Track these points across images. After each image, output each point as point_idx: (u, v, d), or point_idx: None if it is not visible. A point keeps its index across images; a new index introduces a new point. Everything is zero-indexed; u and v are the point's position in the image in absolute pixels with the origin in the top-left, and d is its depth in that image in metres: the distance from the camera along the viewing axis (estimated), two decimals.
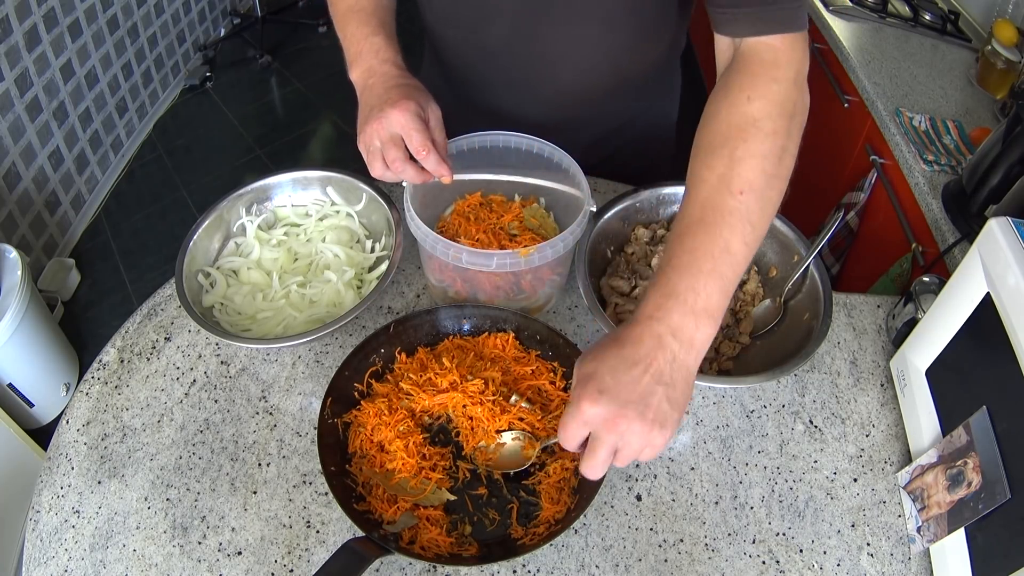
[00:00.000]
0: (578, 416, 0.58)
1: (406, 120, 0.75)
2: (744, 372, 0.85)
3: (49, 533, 0.73)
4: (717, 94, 0.69)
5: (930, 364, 0.81)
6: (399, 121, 0.75)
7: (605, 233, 0.92)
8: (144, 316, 0.92)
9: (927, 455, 0.76)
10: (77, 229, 2.51)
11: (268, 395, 0.85)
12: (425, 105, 0.78)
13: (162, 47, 2.99)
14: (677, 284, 0.60)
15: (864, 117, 1.57)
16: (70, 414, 0.83)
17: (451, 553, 0.69)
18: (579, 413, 0.58)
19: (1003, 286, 0.68)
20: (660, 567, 0.73)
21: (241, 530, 0.74)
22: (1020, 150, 1.09)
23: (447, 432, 0.78)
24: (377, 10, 0.87)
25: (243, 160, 2.89)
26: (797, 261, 0.90)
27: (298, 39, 3.57)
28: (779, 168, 0.65)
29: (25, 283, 1.75)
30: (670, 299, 0.60)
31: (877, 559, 0.75)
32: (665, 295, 0.60)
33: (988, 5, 1.78)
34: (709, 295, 0.60)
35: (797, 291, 0.89)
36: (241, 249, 0.95)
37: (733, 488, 0.79)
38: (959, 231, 1.18)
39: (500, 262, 0.78)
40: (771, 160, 0.64)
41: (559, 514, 0.71)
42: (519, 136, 0.90)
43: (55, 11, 2.28)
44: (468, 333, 0.86)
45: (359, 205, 0.98)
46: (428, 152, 0.76)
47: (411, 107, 0.75)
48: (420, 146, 0.75)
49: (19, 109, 2.15)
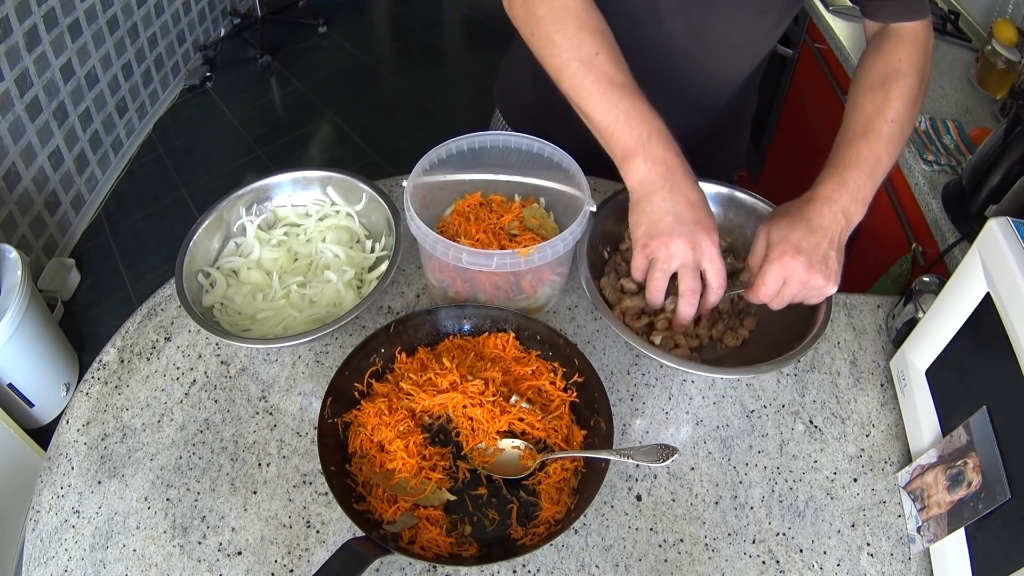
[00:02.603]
0: (781, 269, 0.73)
1: (716, 254, 0.72)
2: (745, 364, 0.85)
3: (49, 533, 0.73)
4: (872, 52, 0.88)
5: (930, 364, 0.81)
6: (710, 253, 0.72)
7: (601, 233, 0.92)
8: (144, 316, 0.92)
9: (927, 455, 0.76)
10: (77, 229, 2.51)
11: (268, 395, 0.85)
12: None
13: (162, 47, 2.99)
14: (848, 178, 0.77)
15: None
16: (70, 414, 0.83)
17: (451, 553, 0.69)
18: (783, 267, 0.73)
19: (1003, 286, 0.68)
20: (660, 567, 0.73)
21: (241, 530, 0.74)
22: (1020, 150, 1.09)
23: (447, 432, 0.78)
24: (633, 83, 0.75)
25: (243, 160, 2.89)
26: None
27: (298, 39, 3.57)
28: (914, 111, 0.82)
29: (25, 283, 1.75)
30: (842, 187, 0.76)
31: (877, 559, 0.75)
32: (839, 183, 0.76)
33: (988, 5, 1.78)
34: (867, 190, 0.77)
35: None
36: (241, 249, 0.95)
37: (733, 488, 0.79)
38: (959, 231, 1.18)
39: (500, 262, 0.78)
40: (911, 103, 0.82)
41: (559, 514, 0.71)
42: (519, 136, 0.90)
43: (55, 11, 2.28)
44: (468, 333, 0.86)
45: (359, 205, 0.98)
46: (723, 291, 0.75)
47: (716, 236, 0.73)
48: (723, 281, 0.74)
49: (19, 109, 2.15)
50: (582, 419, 0.78)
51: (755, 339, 0.89)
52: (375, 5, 4.03)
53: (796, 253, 0.73)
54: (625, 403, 0.85)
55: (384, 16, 3.98)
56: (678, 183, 0.72)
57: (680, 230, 0.71)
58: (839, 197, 0.76)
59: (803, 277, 0.73)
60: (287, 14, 3.66)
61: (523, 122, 1.11)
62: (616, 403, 0.85)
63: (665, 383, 0.88)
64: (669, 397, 0.86)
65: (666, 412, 0.85)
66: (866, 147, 0.78)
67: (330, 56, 3.51)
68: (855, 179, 0.77)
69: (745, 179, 2.39)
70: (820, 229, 0.74)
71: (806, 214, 0.75)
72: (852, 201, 0.76)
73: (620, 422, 0.83)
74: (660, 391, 0.87)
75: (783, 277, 0.74)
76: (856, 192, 0.76)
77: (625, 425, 0.83)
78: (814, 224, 0.74)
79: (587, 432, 0.77)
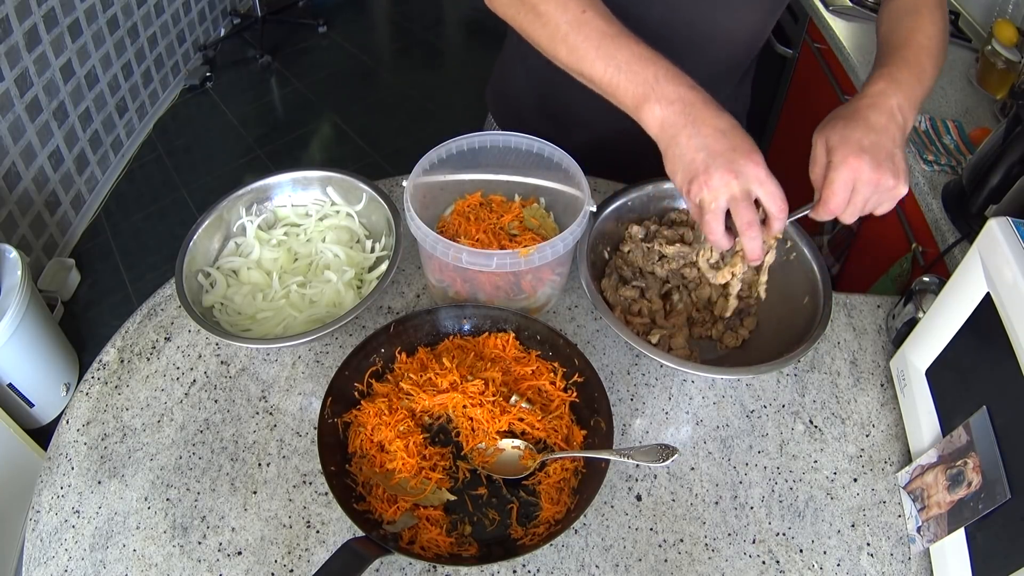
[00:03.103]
0: (848, 173, 0.68)
1: (765, 175, 0.65)
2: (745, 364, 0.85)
3: (49, 533, 0.73)
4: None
5: (930, 364, 0.81)
6: (757, 176, 0.65)
7: (601, 234, 0.92)
8: (144, 316, 0.92)
9: (927, 455, 0.76)
10: (77, 229, 2.51)
11: (268, 395, 0.85)
12: None
13: (162, 47, 2.99)
14: (898, 75, 0.75)
15: None
16: (70, 414, 0.83)
17: (451, 553, 0.69)
18: (849, 170, 0.68)
19: (1003, 286, 0.68)
20: (660, 567, 0.73)
21: (241, 530, 0.74)
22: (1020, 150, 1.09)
23: (447, 432, 0.78)
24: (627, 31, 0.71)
25: (243, 160, 2.89)
26: (790, 247, 0.91)
27: (298, 39, 3.57)
28: (944, 40, 0.82)
29: (25, 283, 1.75)
30: (894, 84, 0.74)
31: (877, 559, 0.75)
32: (890, 80, 0.74)
33: (988, 5, 1.78)
34: (917, 91, 0.75)
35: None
36: (241, 249, 0.95)
37: (733, 488, 0.79)
38: (959, 231, 1.18)
39: (500, 262, 0.78)
40: (942, 31, 0.83)
41: (559, 514, 0.71)
42: (519, 136, 0.90)
43: (55, 11, 2.28)
44: (468, 333, 0.86)
45: (359, 205, 0.98)
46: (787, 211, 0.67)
47: (761, 157, 0.66)
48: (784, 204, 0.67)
49: (19, 109, 2.15)
50: (582, 419, 0.78)
51: (755, 339, 0.90)
52: (375, 5, 4.03)
53: (861, 152, 0.68)
54: (625, 403, 0.85)
55: (384, 16, 3.98)
56: (700, 115, 0.66)
57: (716, 162, 0.64)
58: (893, 92, 0.73)
59: (872, 177, 0.68)
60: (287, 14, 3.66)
61: (517, 125, 1.11)
62: (616, 403, 0.85)
63: (665, 383, 0.88)
64: (669, 397, 0.86)
65: (666, 412, 0.85)
66: (910, 54, 0.77)
67: (330, 56, 3.51)
68: (905, 78, 0.74)
69: None
70: (880, 127, 0.70)
71: (862, 114, 0.71)
72: (906, 99, 0.73)
73: (620, 422, 0.83)
74: (660, 391, 0.87)
75: (851, 181, 0.69)
76: (908, 91, 0.74)
77: (625, 425, 0.83)
78: (872, 122, 0.71)
79: (587, 432, 0.77)
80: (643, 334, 0.87)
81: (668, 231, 0.94)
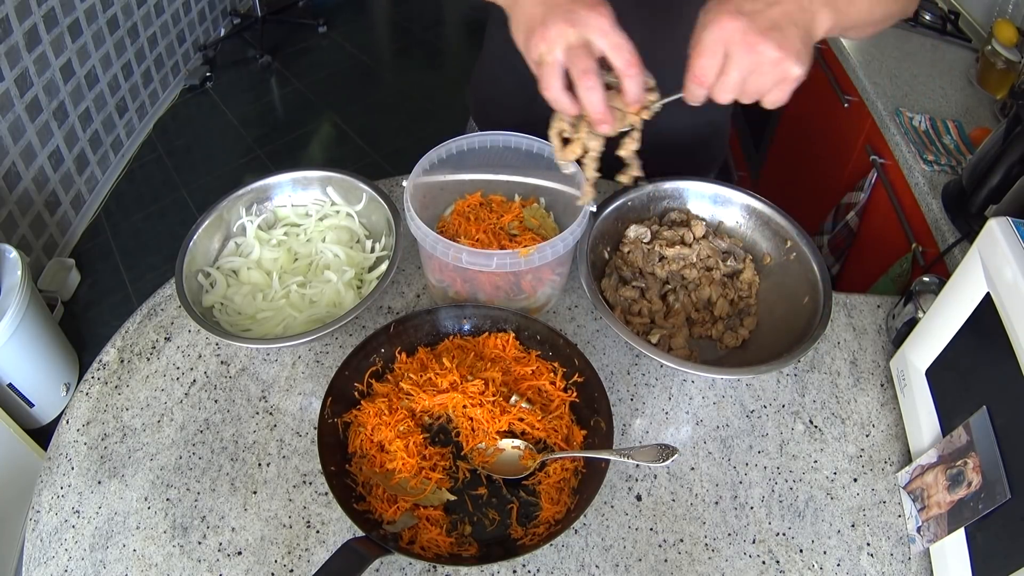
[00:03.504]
0: (717, 31, 0.59)
1: (608, 26, 0.60)
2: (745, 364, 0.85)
3: (49, 533, 0.73)
4: None
5: (930, 364, 0.81)
6: (598, 26, 0.60)
7: (601, 234, 0.92)
8: (144, 316, 0.92)
9: (927, 455, 0.76)
10: (77, 229, 2.51)
11: (268, 395, 0.85)
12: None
13: (162, 47, 2.99)
14: None
15: (864, 117, 1.57)
16: (70, 414, 0.83)
17: (451, 553, 0.69)
18: (719, 27, 0.59)
19: (1003, 286, 0.68)
20: (660, 567, 0.73)
21: (241, 530, 0.74)
22: (1020, 150, 1.09)
23: (447, 432, 0.78)
24: None
25: (243, 160, 2.89)
26: (790, 247, 0.91)
27: (298, 39, 3.57)
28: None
29: (25, 283, 1.75)
30: None
31: (877, 559, 0.75)
32: None
33: (988, 5, 1.78)
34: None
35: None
36: (241, 249, 0.95)
37: (733, 488, 0.79)
38: (959, 231, 1.18)
39: (500, 262, 0.78)
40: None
41: (559, 514, 0.71)
42: (519, 136, 0.90)
43: (55, 11, 2.28)
44: (468, 333, 0.86)
45: (359, 205, 0.98)
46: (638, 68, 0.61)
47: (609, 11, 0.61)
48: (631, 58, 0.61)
49: (19, 109, 2.15)
50: (582, 419, 0.78)
51: (755, 339, 0.90)
52: (375, 5, 4.03)
53: (737, 14, 0.59)
54: (625, 403, 0.85)
55: (384, 16, 3.98)
56: None
57: (553, 13, 0.61)
58: None
59: (748, 40, 0.58)
60: (287, 14, 3.66)
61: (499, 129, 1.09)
62: (616, 403, 0.85)
63: (665, 383, 0.88)
64: (669, 397, 0.86)
65: (666, 412, 0.85)
66: None
67: (330, 56, 3.51)
68: None
69: (745, 179, 2.39)
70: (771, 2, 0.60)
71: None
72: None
73: (620, 422, 0.83)
74: (660, 391, 0.87)
75: (721, 42, 0.59)
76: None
77: (625, 425, 0.83)
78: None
79: (587, 432, 0.77)
80: (643, 334, 0.87)
81: (668, 232, 0.94)
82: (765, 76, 0.60)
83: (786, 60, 0.59)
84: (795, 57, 0.59)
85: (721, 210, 0.97)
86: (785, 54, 0.58)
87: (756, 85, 0.61)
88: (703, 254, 0.93)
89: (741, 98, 0.63)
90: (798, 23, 0.60)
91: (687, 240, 0.93)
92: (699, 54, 0.61)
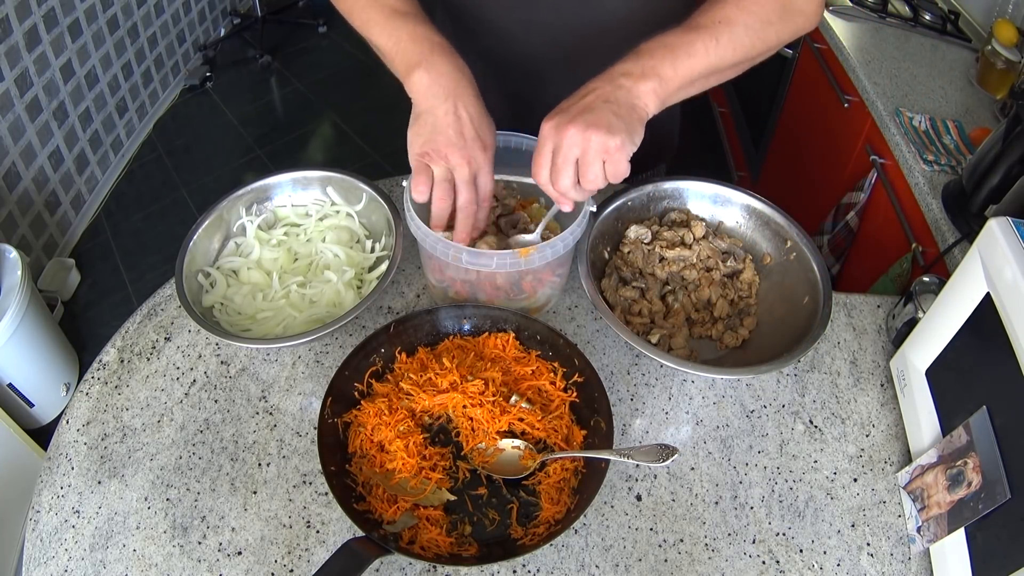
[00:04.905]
0: (541, 134, 0.67)
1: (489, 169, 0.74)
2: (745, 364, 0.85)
3: (49, 533, 0.73)
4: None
5: (930, 364, 0.81)
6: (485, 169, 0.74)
7: (601, 234, 0.92)
8: (144, 316, 0.92)
9: (927, 455, 0.76)
10: (77, 229, 2.51)
11: (268, 395, 0.85)
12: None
13: (162, 47, 2.99)
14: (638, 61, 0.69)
15: (864, 117, 1.57)
16: (70, 414, 0.83)
17: (451, 553, 0.69)
18: (541, 131, 0.67)
19: (1003, 286, 0.68)
20: (660, 567, 0.73)
21: (241, 530, 0.74)
22: (1020, 150, 1.09)
23: (447, 432, 0.78)
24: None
25: (243, 160, 2.89)
26: (790, 247, 0.91)
27: (298, 39, 3.57)
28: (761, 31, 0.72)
29: (25, 283, 1.75)
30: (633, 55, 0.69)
31: (877, 559, 0.75)
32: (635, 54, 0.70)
33: (988, 5, 1.78)
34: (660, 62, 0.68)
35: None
36: (241, 249, 0.95)
37: (733, 488, 0.79)
38: (959, 231, 1.18)
39: (500, 262, 0.78)
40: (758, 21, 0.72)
41: (559, 514, 0.71)
42: (519, 136, 0.90)
43: (55, 11, 2.28)
44: (468, 333, 0.86)
45: (359, 205, 0.98)
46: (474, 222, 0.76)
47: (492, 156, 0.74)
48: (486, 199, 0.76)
49: (19, 109, 2.15)
50: (582, 419, 0.78)
51: (755, 339, 0.90)
52: None
53: (554, 113, 0.68)
54: (625, 403, 0.85)
55: None
56: (462, 96, 0.71)
57: (460, 144, 0.71)
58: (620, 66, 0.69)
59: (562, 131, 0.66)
60: (287, 14, 3.66)
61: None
62: (616, 403, 0.85)
63: (665, 383, 0.88)
64: (669, 397, 0.86)
65: (666, 412, 0.85)
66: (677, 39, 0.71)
67: (330, 56, 3.50)
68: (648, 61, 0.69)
69: (745, 179, 2.39)
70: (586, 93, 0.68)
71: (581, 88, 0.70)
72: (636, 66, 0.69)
73: (620, 422, 0.83)
74: (660, 391, 0.87)
75: (548, 141, 0.68)
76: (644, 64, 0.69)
77: (625, 425, 0.83)
78: (580, 92, 0.69)
79: (587, 432, 0.77)
80: (643, 334, 0.87)
81: (668, 232, 0.94)
82: (589, 154, 0.66)
83: (597, 135, 0.64)
84: (605, 130, 0.64)
85: (721, 210, 0.97)
86: (596, 131, 0.64)
87: (586, 166, 0.67)
88: (703, 254, 0.93)
89: (583, 184, 0.69)
90: (612, 100, 0.66)
91: (687, 241, 0.93)
92: (534, 170, 0.70)
